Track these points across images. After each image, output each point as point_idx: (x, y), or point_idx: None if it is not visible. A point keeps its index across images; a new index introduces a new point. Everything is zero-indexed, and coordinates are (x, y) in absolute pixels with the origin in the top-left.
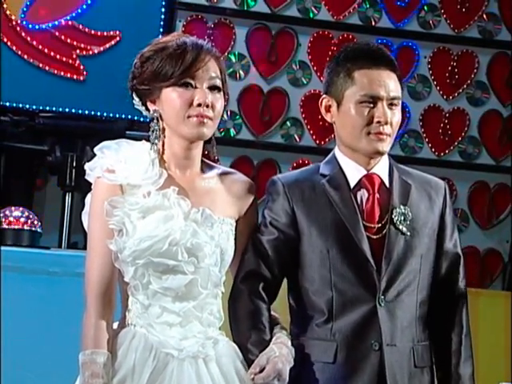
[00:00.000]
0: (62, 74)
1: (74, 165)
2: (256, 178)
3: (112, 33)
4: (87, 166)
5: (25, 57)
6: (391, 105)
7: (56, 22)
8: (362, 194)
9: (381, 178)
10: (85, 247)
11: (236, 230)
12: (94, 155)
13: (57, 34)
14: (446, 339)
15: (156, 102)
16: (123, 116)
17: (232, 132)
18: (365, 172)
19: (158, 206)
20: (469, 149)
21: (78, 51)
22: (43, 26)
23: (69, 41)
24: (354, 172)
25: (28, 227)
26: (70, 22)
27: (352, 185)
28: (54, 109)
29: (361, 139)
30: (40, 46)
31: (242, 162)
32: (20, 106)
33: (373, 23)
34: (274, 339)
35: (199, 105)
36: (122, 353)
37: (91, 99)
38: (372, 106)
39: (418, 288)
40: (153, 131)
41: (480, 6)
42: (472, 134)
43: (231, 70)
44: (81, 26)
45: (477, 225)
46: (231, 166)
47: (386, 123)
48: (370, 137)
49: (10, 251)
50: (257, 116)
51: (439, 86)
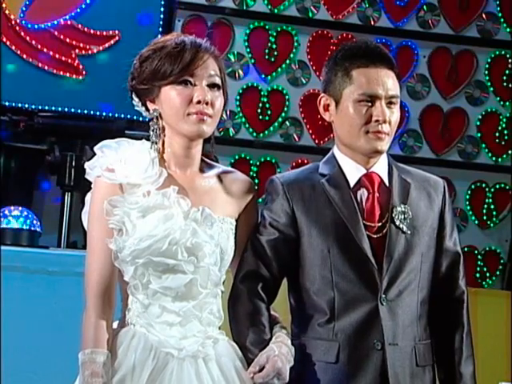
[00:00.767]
0: (61, 73)
1: (73, 164)
2: (255, 177)
3: (111, 32)
4: (87, 165)
5: (24, 56)
6: (390, 103)
7: (55, 22)
8: (362, 193)
9: (380, 177)
10: (84, 247)
11: (236, 229)
12: (94, 154)
13: (56, 33)
14: (448, 338)
15: (155, 101)
16: (122, 115)
17: (231, 131)
18: (364, 171)
19: (158, 205)
20: (468, 148)
21: (77, 51)
22: (42, 26)
23: (68, 40)
24: (353, 171)
25: (27, 227)
26: (69, 22)
27: (352, 184)
28: (53, 108)
29: (359, 138)
30: (39, 46)
31: (241, 161)
32: (19, 105)
33: (372, 23)
34: (273, 338)
35: (198, 102)
36: (122, 352)
37: (90, 99)
38: (370, 104)
39: (418, 287)
40: (152, 130)
41: (479, 6)
42: (471, 134)
43: (230, 69)
44: (80, 26)
45: (476, 224)
46: (230, 166)
47: (385, 122)
48: (368, 136)
49: (9, 251)
50: (256, 115)
51: (438, 85)
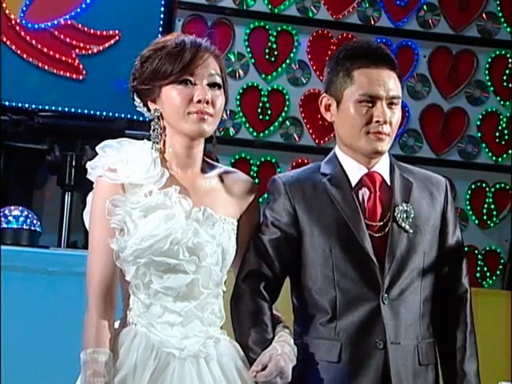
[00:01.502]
0: (61, 73)
1: (74, 164)
2: (255, 177)
3: (111, 32)
4: (89, 165)
5: (24, 56)
6: (391, 104)
7: (55, 22)
8: (364, 193)
9: (382, 176)
10: (84, 246)
11: (238, 229)
12: (94, 154)
13: (56, 33)
14: (451, 336)
15: (156, 101)
16: (123, 115)
17: (231, 131)
18: (366, 170)
19: (160, 205)
20: (468, 148)
21: (77, 50)
22: (42, 26)
23: (68, 40)
24: (355, 171)
25: (27, 226)
26: (69, 22)
27: (353, 183)
28: (53, 108)
29: (360, 138)
30: (39, 46)
31: (242, 161)
32: (19, 105)
33: (372, 22)
34: (276, 338)
35: (199, 101)
36: (124, 352)
37: (91, 98)
38: (371, 105)
39: (421, 285)
40: (154, 130)
41: (479, 6)
42: (471, 133)
43: (230, 69)
44: (80, 26)
45: (476, 224)
46: (230, 166)
47: (385, 123)
48: (369, 136)
49: (9, 250)
50: (256, 115)
51: (438, 85)
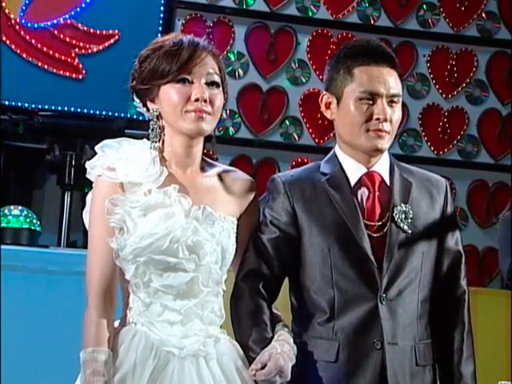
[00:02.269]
0: (60, 72)
1: (73, 163)
2: (255, 176)
3: (111, 31)
4: (88, 165)
5: (24, 55)
6: (391, 102)
7: (55, 21)
8: (363, 193)
9: (381, 176)
10: (83, 246)
11: (238, 228)
12: (93, 154)
13: (56, 32)
14: (448, 337)
15: (155, 100)
16: (122, 114)
17: (231, 131)
18: (365, 170)
19: (159, 203)
20: (468, 147)
21: (76, 50)
22: (42, 25)
23: (68, 39)
24: (354, 170)
25: (27, 226)
26: (68, 21)
27: (352, 183)
28: (53, 107)
29: (360, 136)
30: (39, 45)
31: (241, 160)
32: (19, 104)
33: (372, 22)
34: (275, 337)
35: (197, 100)
36: (123, 351)
37: (90, 98)
38: (371, 102)
39: (419, 286)
40: (153, 129)
41: (479, 5)
42: (471, 133)
43: (230, 68)
44: (80, 25)
45: (476, 223)
46: (230, 165)
47: (386, 120)
48: (369, 134)
49: (9, 250)
50: (256, 115)
51: (438, 84)
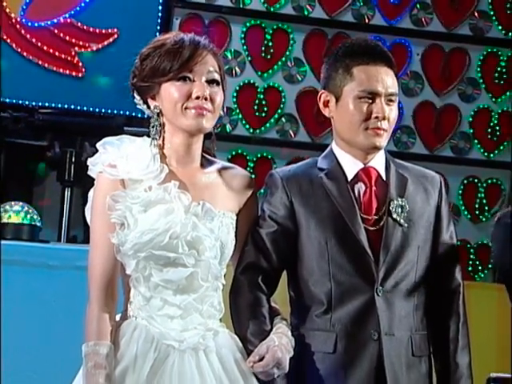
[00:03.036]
0: (60, 70)
1: (73, 160)
2: (251, 172)
3: (110, 30)
4: (89, 162)
5: (24, 54)
6: (389, 101)
7: (55, 20)
8: (360, 187)
9: (378, 171)
10: (83, 241)
11: (236, 224)
12: (93, 151)
13: (56, 31)
14: (443, 328)
15: (156, 97)
16: (121, 112)
17: (228, 128)
18: (362, 165)
19: (159, 199)
20: (460, 144)
21: (76, 48)
22: (42, 24)
23: (67, 38)
24: (351, 165)
25: (28, 221)
26: (68, 20)
27: (349, 178)
28: (53, 105)
29: (358, 134)
30: (39, 44)
31: (238, 157)
32: (19, 102)
33: (366, 21)
34: (274, 329)
35: (197, 97)
36: (124, 344)
37: (90, 95)
38: (370, 101)
39: (415, 278)
40: (153, 127)
41: (471, 4)
42: (463, 130)
43: (227, 66)
44: (79, 24)
45: (468, 219)
46: (227, 161)
47: (384, 119)
48: (367, 132)
49: (10, 245)
50: (252, 112)
51: (431, 82)
